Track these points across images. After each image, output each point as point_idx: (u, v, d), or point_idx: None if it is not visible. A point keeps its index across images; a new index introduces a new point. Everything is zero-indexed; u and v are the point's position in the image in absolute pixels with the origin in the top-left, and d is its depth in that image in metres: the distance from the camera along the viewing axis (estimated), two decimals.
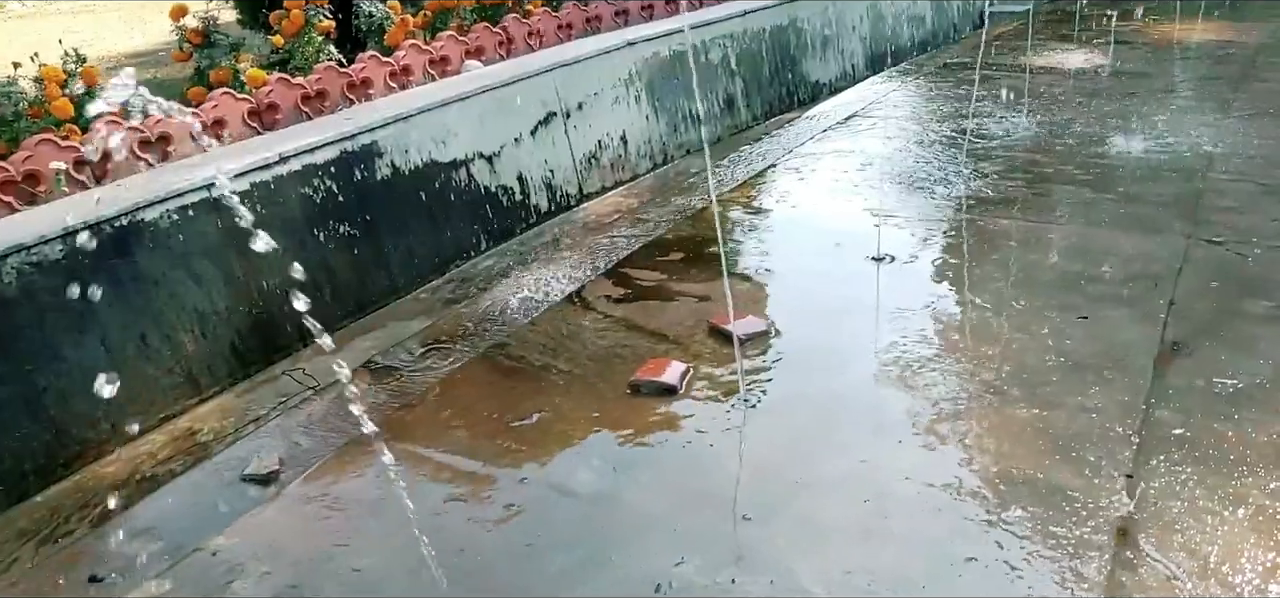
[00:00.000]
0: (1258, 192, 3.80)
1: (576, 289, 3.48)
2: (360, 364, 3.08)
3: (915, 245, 3.60)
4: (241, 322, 3.15)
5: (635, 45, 5.16)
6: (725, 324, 2.92)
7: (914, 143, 4.87)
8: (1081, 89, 5.55)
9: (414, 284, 3.80)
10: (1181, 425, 2.34)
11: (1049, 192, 4.05)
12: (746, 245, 3.80)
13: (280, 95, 3.84)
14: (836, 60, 6.83)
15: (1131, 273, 3.19)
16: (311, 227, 3.42)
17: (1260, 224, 3.49)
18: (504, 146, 4.30)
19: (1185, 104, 5.12)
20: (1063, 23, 7.23)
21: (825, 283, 3.41)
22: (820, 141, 5.05)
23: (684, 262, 3.67)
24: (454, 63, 4.66)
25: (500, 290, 3.57)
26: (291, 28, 4.18)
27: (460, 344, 3.14)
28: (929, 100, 5.60)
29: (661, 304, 3.32)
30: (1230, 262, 3.22)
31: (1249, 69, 5.71)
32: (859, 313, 3.13)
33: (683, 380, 2.71)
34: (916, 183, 4.30)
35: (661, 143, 5.34)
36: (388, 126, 3.75)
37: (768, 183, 4.51)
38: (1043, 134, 4.85)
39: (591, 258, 3.77)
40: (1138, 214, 3.67)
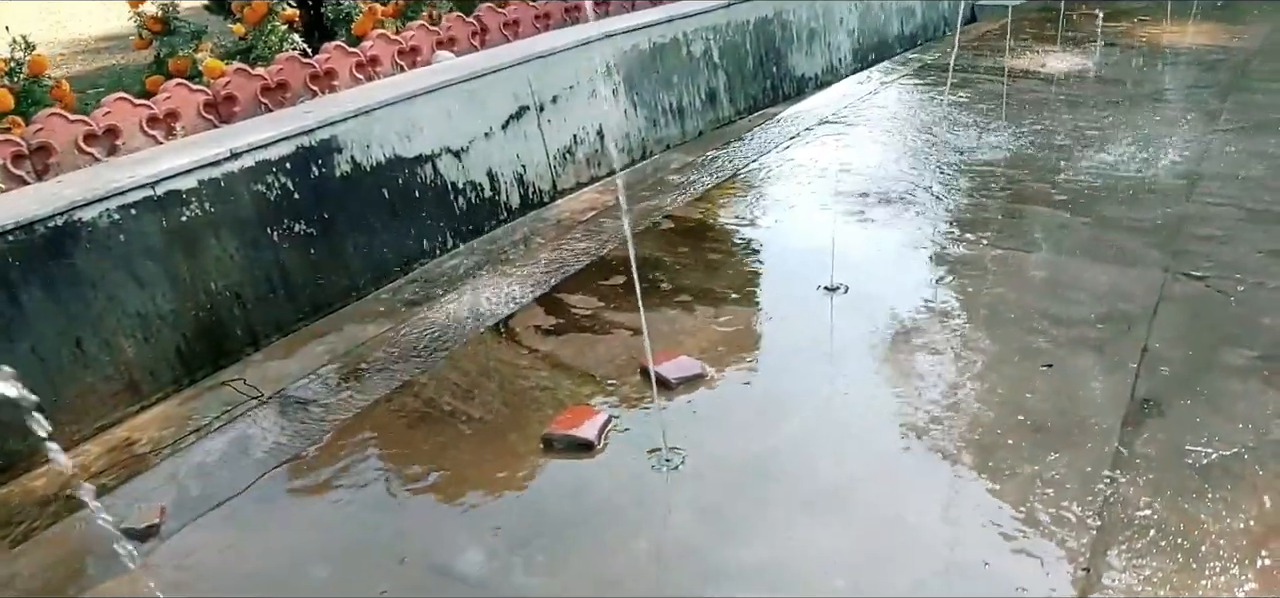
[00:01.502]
0: (1243, 218, 3.53)
1: (507, 315, 3.20)
2: (276, 392, 2.87)
3: (873, 274, 3.33)
4: (188, 325, 3.03)
5: (613, 37, 5.02)
6: (657, 365, 2.64)
7: (885, 154, 4.62)
8: (1065, 96, 5.31)
9: (375, 284, 3.68)
10: (1147, 504, 2.08)
11: (1022, 213, 3.77)
12: (694, 270, 3.46)
13: (238, 87, 3.71)
14: (823, 54, 6.70)
15: (1104, 312, 2.92)
16: (265, 225, 3.29)
17: (1244, 257, 3.22)
18: (473, 141, 4.17)
19: (1171, 114, 4.87)
20: (1051, 22, 6.91)
21: (772, 316, 3.11)
22: (786, 150, 4.79)
23: (626, 287, 3.32)
24: (424, 53, 4.52)
25: (438, 310, 3.31)
26: (254, 16, 4.04)
27: (377, 377, 2.86)
28: (905, 106, 5.35)
29: (594, 338, 3.01)
30: (1211, 301, 2.95)
31: (1238, 77, 5.46)
32: (804, 354, 2.83)
33: (601, 435, 2.43)
34: (882, 200, 4.00)
35: (640, 137, 5.22)
36: (349, 121, 3.62)
37: (727, 196, 4.22)
38: (1021, 146, 4.57)
39: (534, 275, 3.50)
40: (1114, 242, 3.40)
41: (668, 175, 4.62)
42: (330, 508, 2.30)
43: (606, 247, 3.73)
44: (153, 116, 3.42)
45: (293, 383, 2.90)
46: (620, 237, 3.75)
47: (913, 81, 5.85)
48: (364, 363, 2.96)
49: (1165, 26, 6.74)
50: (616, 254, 3.62)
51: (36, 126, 3.11)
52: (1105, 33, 6.53)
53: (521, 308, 3.25)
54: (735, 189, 4.28)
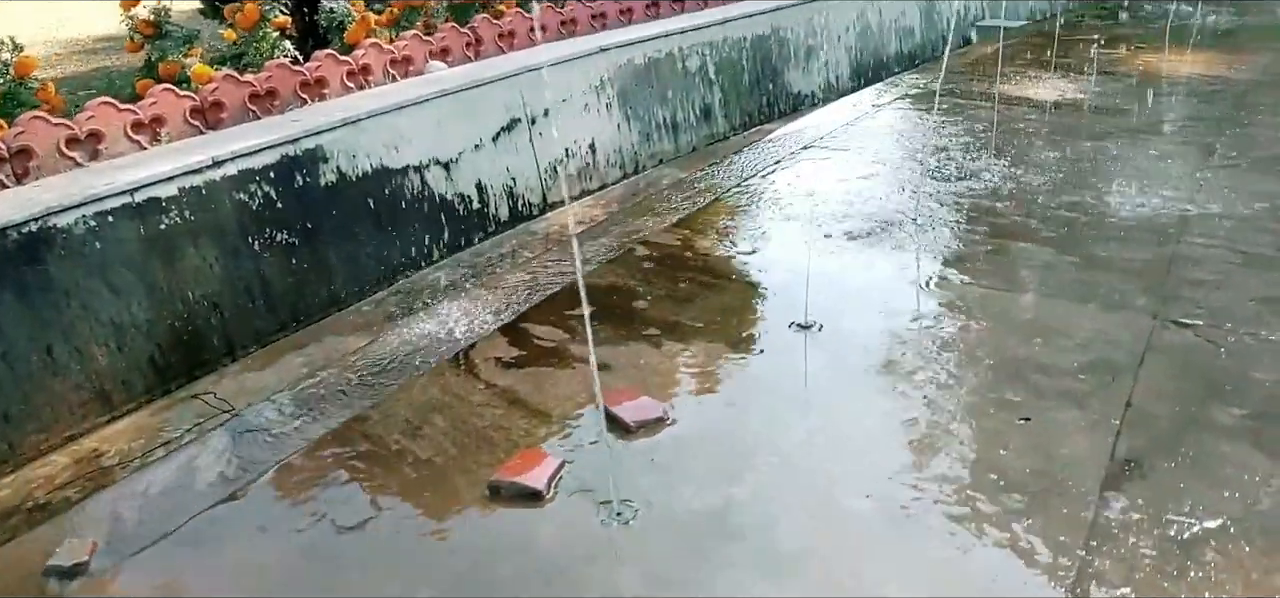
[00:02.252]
0: (1236, 262, 3.34)
1: (468, 345, 3.03)
2: (232, 415, 2.79)
3: (848, 311, 3.14)
4: (163, 335, 3.00)
5: (608, 51, 5.01)
6: (616, 406, 2.51)
7: (870, 182, 4.42)
8: (1057, 126, 5.15)
9: (357, 295, 3.65)
10: (1124, 581, 1.92)
11: (1007, 250, 3.57)
12: (665, 301, 3.28)
13: (226, 93, 3.68)
14: (821, 71, 6.68)
15: (1088, 360, 2.73)
16: (246, 234, 3.26)
17: (1236, 304, 3.03)
18: (463, 153, 4.14)
19: (1165, 148, 4.69)
20: (1047, 47, 6.72)
21: (742, 355, 2.92)
22: (770, 175, 4.61)
23: (595, 316, 3.11)
24: (417, 63, 4.50)
25: (406, 331, 3.19)
26: (246, 22, 4.02)
27: (333, 405, 2.73)
28: (895, 132, 5.19)
29: (555, 372, 2.85)
30: (1199, 352, 2.77)
31: (1236, 109, 5.29)
32: (771, 397, 2.67)
33: (552, 483, 2.29)
34: (864, 232, 3.81)
35: (633, 152, 5.20)
36: (335, 130, 3.59)
37: (706, 222, 4.03)
38: (1010, 177, 4.37)
39: (504, 299, 3.36)
40: (1101, 284, 3.21)
41: (654, 196, 4.52)
42: (261, 554, 2.17)
43: (587, 266, 3.62)
44: (137, 122, 3.40)
45: (250, 406, 2.80)
46: (600, 259, 3.66)
47: (904, 106, 5.68)
48: (324, 388, 2.84)
49: (1163, 55, 6.58)
50: (590, 280, 3.47)
51: (18, 130, 3.09)
52: (1101, 60, 6.35)
53: (484, 337, 3.09)
54: (715, 215, 4.12)
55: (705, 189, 4.50)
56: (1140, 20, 7.89)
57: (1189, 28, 7.26)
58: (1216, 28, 7.37)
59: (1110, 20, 8.06)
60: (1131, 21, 7.83)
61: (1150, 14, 8.11)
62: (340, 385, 2.86)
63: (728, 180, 4.61)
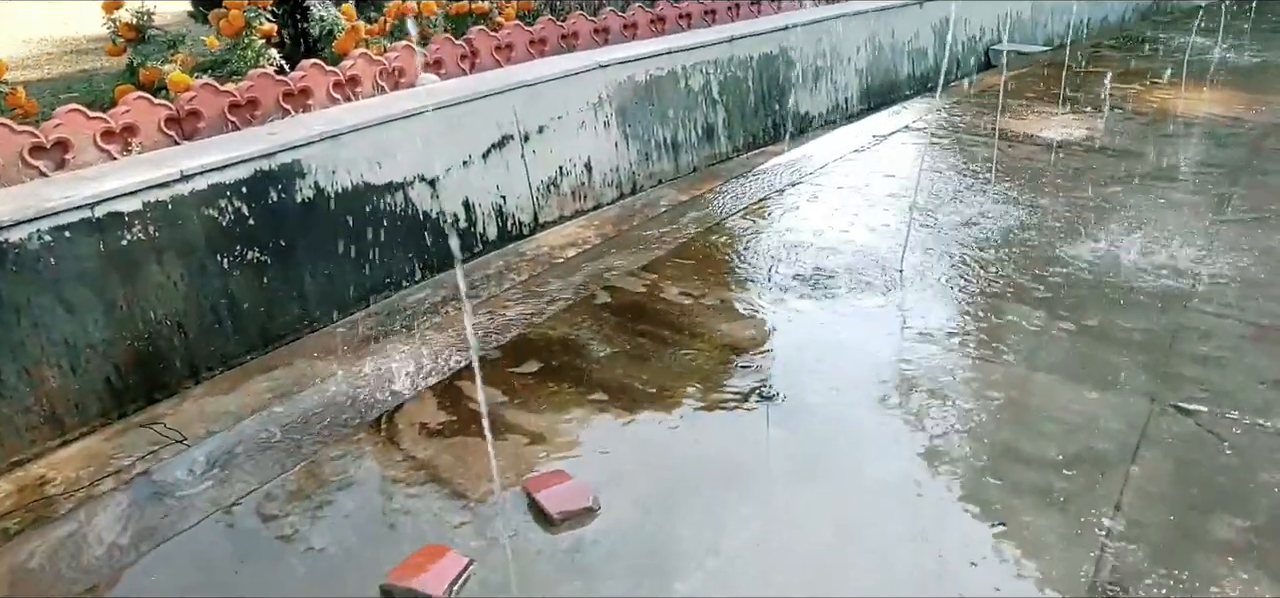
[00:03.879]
0: (1245, 336, 3.00)
1: (395, 407, 2.69)
2: (139, 455, 2.61)
3: (814, 379, 2.80)
4: (122, 356, 2.88)
5: (607, 68, 4.87)
6: (541, 491, 2.27)
7: (857, 225, 4.05)
8: (1063, 168, 4.77)
9: (333, 316, 3.53)
10: None
11: (996, 312, 3.20)
12: (618, 360, 2.92)
13: (204, 102, 3.57)
14: (829, 93, 6.53)
15: (1075, 451, 2.40)
16: (215, 251, 3.14)
17: (1244, 388, 2.67)
18: (450, 170, 4.01)
19: (1175, 197, 4.30)
20: (1059, 79, 6.33)
21: (692, 428, 2.57)
22: (752, 214, 4.22)
23: (542, 373, 2.87)
24: (409, 75, 4.38)
25: (338, 382, 2.87)
26: (231, 29, 3.91)
27: (243, 470, 2.44)
28: (890, 170, 4.80)
29: (484, 443, 2.52)
30: (1201, 445, 2.43)
31: (1253, 155, 4.91)
32: (717, 485, 2.33)
33: (453, 588, 2.01)
34: (843, 284, 3.46)
35: (631, 171, 5.06)
36: (314, 144, 3.47)
37: (675, 266, 3.65)
38: (1008, 226, 3.98)
39: (452, 346, 3.05)
40: (1096, 356, 2.87)
41: (638, 226, 4.25)
42: None
43: (544, 313, 3.28)
44: (108, 131, 3.29)
45: (159, 462, 2.57)
46: (560, 303, 3.34)
47: (907, 139, 5.35)
48: (240, 446, 2.55)
49: (1178, 91, 6.25)
50: (544, 329, 3.15)
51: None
52: (1114, 95, 6.02)
53: (416, 395, 2.75)
54: (688, 258, 3.75)
55: (685, 224, 4.15)
56: (1157, 53, 7.65)
57: (1207, 63, 7.01)
58: (1236, 64, 7.10)
59: (1126, 51, 7.83)
60: (1148, 53, 7.58)
61: (1168, 47, 7.88)
62: (265, 440, 2.57)
63: (708, 217, 4.25)
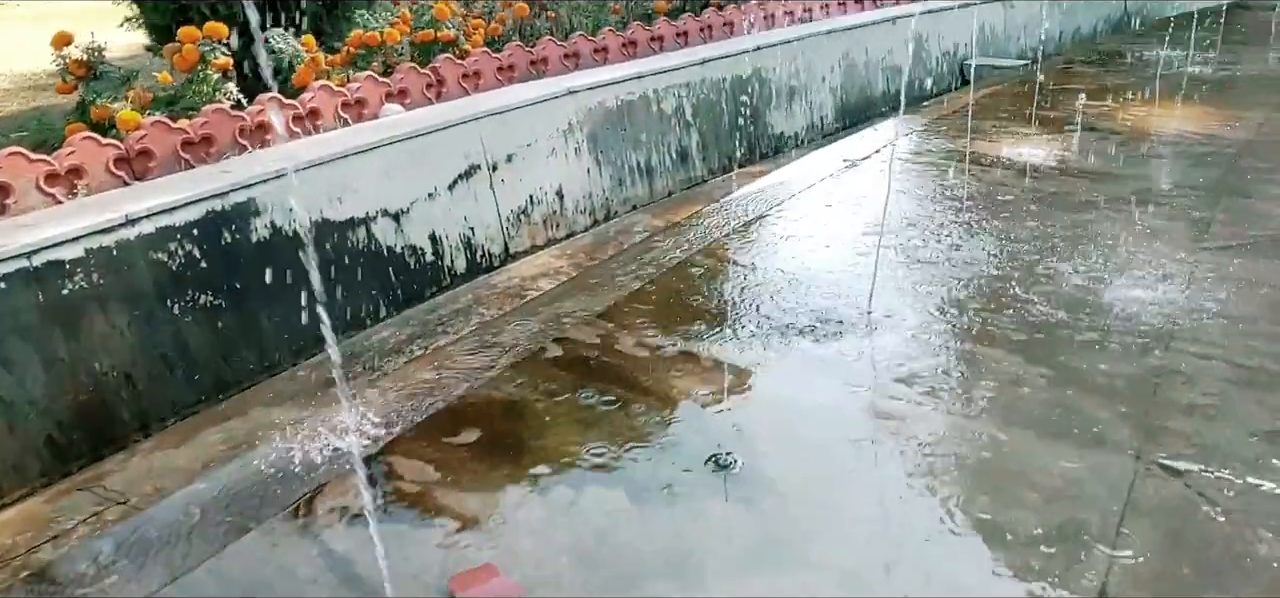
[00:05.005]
0: (1234, 381, 2.74)
1: (314, 490, 2.39)
2: (81, 518, 2.44)
3: (772, 443, 2.55)
4: (64, 411, 2.73)
5: (577, 93, 4.77)
6: (465, 591, 2.05)
7: (824, 263, 3.79)
8: (1037, 194, 4.55)
9: (293, 359, 3.38)
10: None
11: (970, 358, 2.94)
12: (562, 424, 2.65)
13: (156, 141, 3.44)
14: (804, 113, 6.46)
15: (1054, 523, 2.15)
16: (164, 298, 3.00)
17: (1236, 441, 2.43)
18: (414, 203, 3.89)
19: (1153, 223, 4.07)
20: (1031, 98, 6.22)
21: (636, 504, 2.30)
22: (715, 253, 3.93)
23: (479, 445, 2.57)
24: (372, 106, 4.27)
25: (270, 449, 2.61)
26: (185, 64, 3.78)
27: (148, 570, 2.17)
28: (861, 197, 4.55)
29: (408, 532, 2.24)
30: (1191, 511, 2.19)
31: (1230, 175, 4.75)
32: (661, 578, 2.08)
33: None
34: (805, 335, 3.16)
35: (604, 198, 4.95)
36: (270, 182, 3.34)
37: (633, 312, 3.37)
38: (981, 261, 3.72)
39: (390, 408, 2.77)
40: (1077, 409, 2.62)
41: (604, 264, 4.01)
42: None
43: (493, 367, 3.01)
44: (52, 174, 3.15)
45: (64, 550, 2.34)
46: (510, 357, 3.06)
47: (878, 164, 5.08)
48: (153, 529, 2.30)
49: (1152, 108, 6.14)
50: (487, 392, 2.85)
51: None
52: (1087, 113, 5.90)
53: (342, 472, 2.45)
54: (644, 302, 3.46)
55: (642, 267, 3.84)
56: (1130, 67, 7.64)
57: (1180, 77, 6.98)
58: (1209, 78, 7.08)
59: (1098, 65, 7.82)
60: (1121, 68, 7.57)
61: (1140, 60, 7.88)
62: (179, 526, 2.31)
63: (670, 255, 3.95)
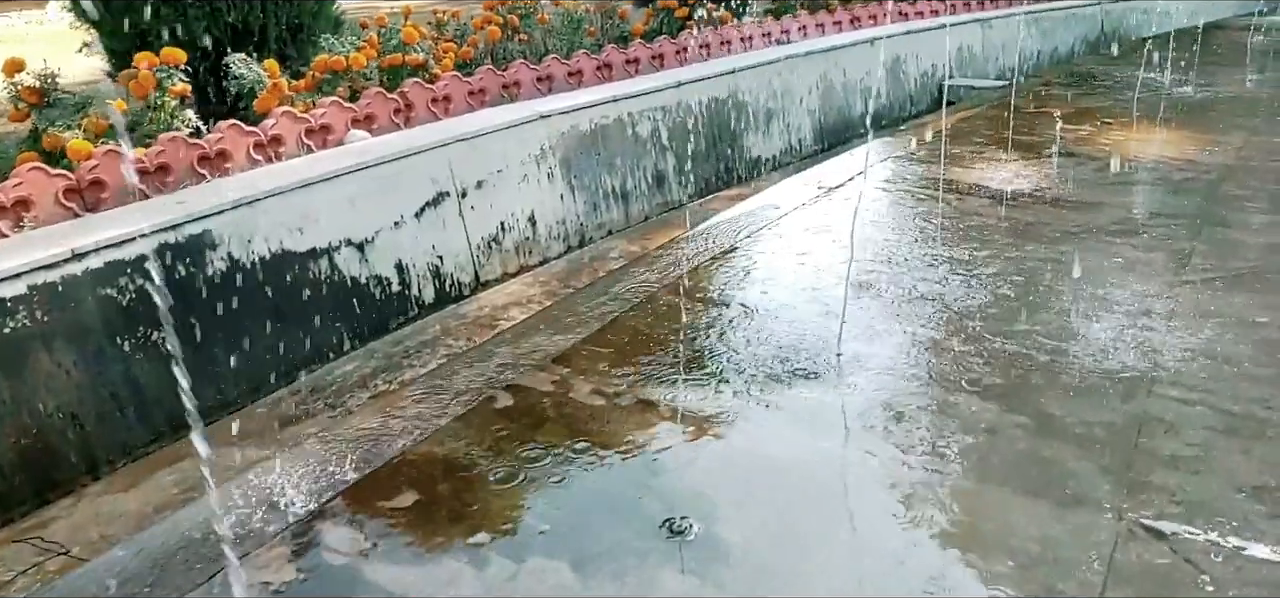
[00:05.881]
0: (1218, 429, 2.56)
1: (241, 557, 2.15)
2: (20, 570, 2.33)
3: (730, 506, 2.32)
4: (6, 456, 2.61)
5: (549, 117, 4.70)
6: None
7: (791, 303, 3.54)
8: (1014, 223, 4.35)
9: (252, 396, 3.28)
10: None
11: (944, 407, 2.73)
12: (507, 485, 2.42)
13: (109, 170, 3.33)
14: (781, 135, 6.42)
15: (1027, 589, 2.00)
16: (114, 335, 2.89)
17: (1220, 498, 2.27)
18: (380, 232, 3.80)
19: (1132, 256, 3.85)
20: (1008, 121, 6.07)
21: (582, 583, 2.08)
22: (676, 291, 3.68)
23: (418, 510, 2.33)
24: (337, 133, 4.17)
25: (192, 513, 2.36)
26: (141, 90, 3.68)
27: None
28: (833, 229, 4.32)
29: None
30: (1176, 579, 2.01)
31: (1211, 202, 4.57)
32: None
33: None
34: (772, 381, 2.93)
35: (578, 223, 4.88)
36: (227, 213, 3.24)
37: (590, 355, 3.14)
38: (955, 298, 3.49)
39: (324, 463, 2.53)
40: (1054, 461, 2.44)
41: (566, 298, 3.84)
42: None
43: (442, 416, 2.77)
44: None
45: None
46: (470, 397, 2.86)
47: (851, 192, 4.88)
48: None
49: (1130, 131, 6.03)
50: (428, 448, 2.60)
51: None
52: (1065, 137, 5.79)
53: (263, 547, 2.20)
54: (602, 345, 3.22)
55: (613, 298, 3.64)
56: (1108, 89, 7.64)
57: (1157, 99, 6.97)
58: (1187, 100, 7.08)
59: (1076, 87, 7.82)
60: (1098, 90, 7.56)
61: (1116, 82, 7.89)
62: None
63: (636, 290, 3.72)
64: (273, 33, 4.43)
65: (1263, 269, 3.63)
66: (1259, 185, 4.78)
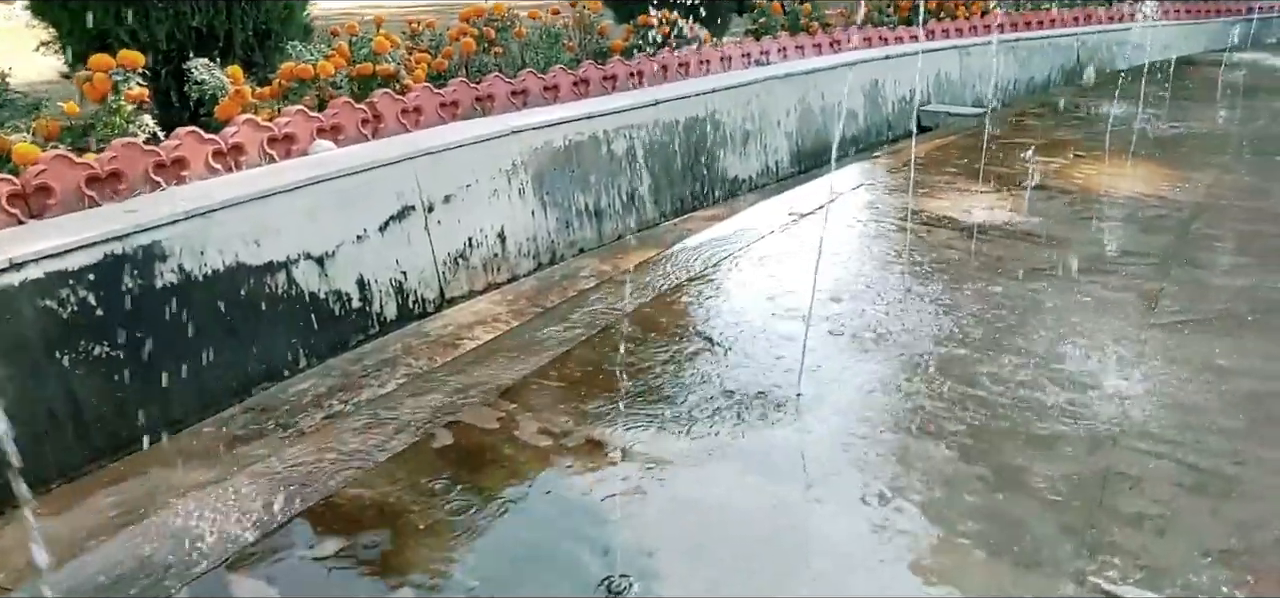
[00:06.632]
0: (1185, 486, 2.45)
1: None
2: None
3: (675, 561, 2.18)
4: None
5: (521, 133, 4.62)
6: None
7: (750, 338, 3.37)
8: (982, 259, 4.23)
9: (201, 414, 3.15)
10: None
11: (903, 455, 2.60)
12: (440, 536, 2.25)
13: (57, 176, 3.20)
14: (759, 156, 6.37)
15: None
16: (52, 349, 2.76)
17: (1186, 563, 2.16)
18: (341, 246, 3.69)
19: (1100, 295, 3.75)
20: (979, 153, 5.93)
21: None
22: (634, 322, 3.53)
23: (342, 560, 2.19)
24: (302, 143, 4.06)
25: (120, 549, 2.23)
26: (96, 93, 3.55)
27: None
28: (799, 260, 4.16)
29: None
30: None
31: (1182, 242, 4.47)
32: None
33: None
34: (726, 418, 2.77)
35: (549, 241, 4.79)
36: (179, 223, 3.13)
37: (536, 391, 2.95)
38: (920, 337, 3.36)
39: (254, 500, 2.38)
40: (1014, 518, 2.31)
41: (529, 322, 3.67)
42: None
43: (382, 451, 2.59)
44: None
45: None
46: (410, 434, 2.68)
47: (821, 220, 4.75)
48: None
49: (1103, 165, 5.97)
50: (358, 490, 2.42)
51: None
52: (1037, 169, 5.72)
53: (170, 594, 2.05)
54: (552, 380, 3.03)
55: (574, 325, 3.48)
56: (1082, 121, 7.66)
57: (1130, 133, 6.99)
58: (1157, 135, 7.11)
59: (1050, 118, 7.84)
60: (1072, 121, 7.58)
61: (1090, 114, 7.93)
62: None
63: (597, 316, 3.58)
64: (239, 38, 4.32)
65: (1231, 313, 3.59)
66: (1229, 225, 4.77)
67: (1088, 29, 10.72)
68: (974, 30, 9.19)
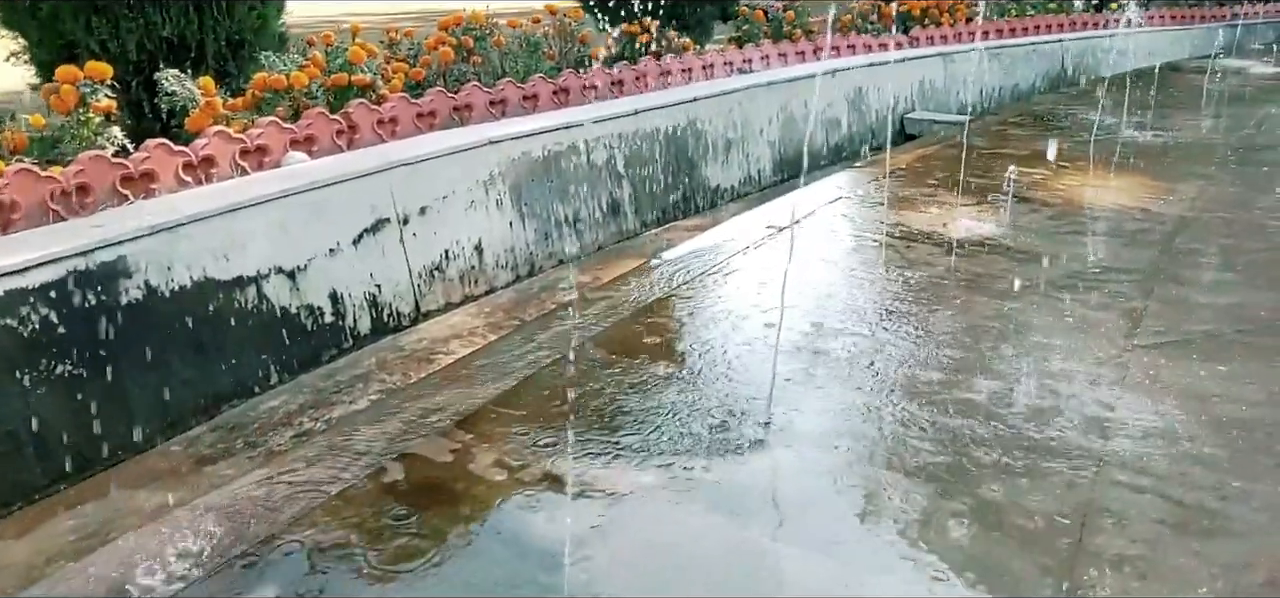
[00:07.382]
0: (1168, 523, 2.36)
1: None
2: None
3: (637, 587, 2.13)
4: None
5: (499, 143, 4.58)
6: None
7: (717, 362, 3.25)
8: (962, 275, 4.14)
9: (168, 432, 3.10)
10: None
11: (877, 487, 2.50)
12: (387, 581, 2.15)
13: (20, 190, 3.15)
14: (741, 165, 6.35)
15: None
16: (12, 368, 2.71)
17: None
18: (313, 260, 3.65)
19: (1082, 313, 3.67)
20: (960, 164, 5.87)
21: None
22: (601, 343, 3.42)
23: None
24: (275, 154, 4.02)
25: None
26: (62, 106, 3.50)
27: None
28: (773, 277, 4.01)
29: None
30: None
31: (1165, 257, 4.39)
32: None
33: None
34: (693, 451, 2.66)
35: (528, 252, 4.75)
36: (145, 238, 3.08)
37: (498, 417, 2.84)
38: (898, 360, 3.26)
39: (204, 541, 2.28)
40: (992, 559, 2.22)
41: (489, 345, 3.57)
42: None
43: (334, 484, 2.49)
44: None
45: None
46: (361, 467, 2.57)
47: (799, 234, 4.67)
48: None
49: (1086, 176, 5.96)
50: (308, 525, 2.31)
51: None
52: (1020, 180, 5.64)
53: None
54: (517, 406, 2.92)
55: (541, 345, 3.39)
56: (1066, 129, 7.66)
57: (1114, 142, 6.99)
58: (1141, 145, 7.11)
59: (1034, 126, 7.85)
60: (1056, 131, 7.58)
61: (1074, 123, 7.93)
62: None
63: (566, 336, 3.49)
64: (211, 48, 4.27)
65: (1215, 333, 3.54)
66: (1213, 239, 4.74)
67: (1072, 35, 10.74)
68: (959, 37, 9.19)
